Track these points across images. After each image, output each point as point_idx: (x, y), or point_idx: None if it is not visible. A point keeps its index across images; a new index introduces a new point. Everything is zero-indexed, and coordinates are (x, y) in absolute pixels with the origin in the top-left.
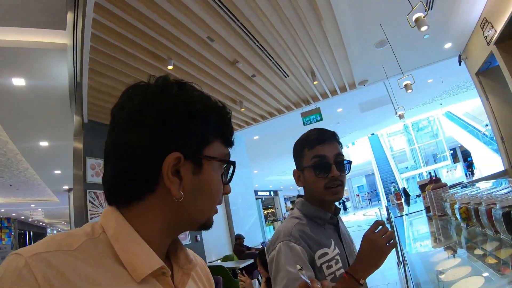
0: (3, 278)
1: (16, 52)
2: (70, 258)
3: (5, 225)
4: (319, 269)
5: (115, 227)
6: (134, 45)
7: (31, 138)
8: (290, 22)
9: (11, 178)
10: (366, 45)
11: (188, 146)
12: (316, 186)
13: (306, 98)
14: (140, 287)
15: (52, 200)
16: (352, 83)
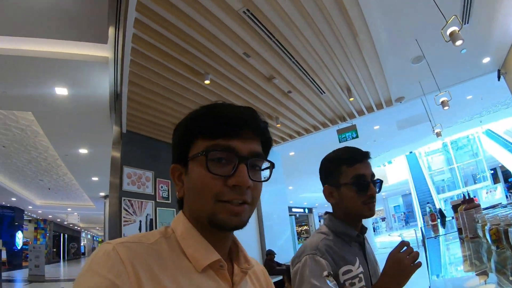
0: (96, 256)
1: (60, 63)
2: (147, 248)
3: (41, 226)
4: (342, 285)
5: (182, 228)
6: (172, 59)
7: (71, 145)
8: (325, 38)
9: (50, 182)
10: (402, 61)
11: (178, 155)
12: (354, 203)
13: (342, 115)
14: (200, 276)
15: (88, 206)
16: (389, 100)
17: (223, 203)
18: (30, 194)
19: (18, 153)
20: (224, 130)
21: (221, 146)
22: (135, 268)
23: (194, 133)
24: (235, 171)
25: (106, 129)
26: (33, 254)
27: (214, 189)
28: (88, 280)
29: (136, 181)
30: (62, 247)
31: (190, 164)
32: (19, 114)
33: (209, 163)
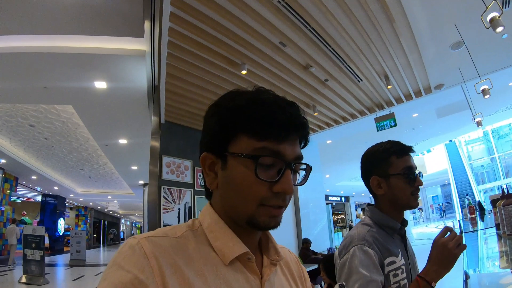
0: (121, 251)
1: (98, 58)
2: (173, 241)
3: (82, 213)
4: (386, 276)
5: (209, 221)
6: (209, 51)
7: (111, 135)
8: (361, 25)
9: (90, 171)
10: (441, 47)
11: (215, 145)
12: (404, 193)
13: (380, 102)
14: (228, 269)
15: (128, 193)
16: (428, 87)
17: (265, 207)
18: (71, 183)
19: (60, 145)
20: (274, 133)
21: (270, 150)
22: (159, 263)
23: (238, 127)
24: (281, 177)
25: (145, 119)
26: (74, 240)
27: (260, 194)
28: (113, 274)
29: (175, 170)
30: (102, 233)
31: (231, 160)
32: (60, 107)
33: (258, 168)
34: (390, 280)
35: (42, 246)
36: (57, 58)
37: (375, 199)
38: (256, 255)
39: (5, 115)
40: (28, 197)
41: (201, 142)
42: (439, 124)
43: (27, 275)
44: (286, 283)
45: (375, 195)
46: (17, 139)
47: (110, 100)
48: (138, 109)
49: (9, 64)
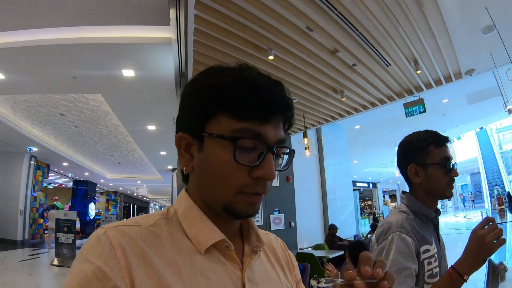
0: (88, 242)
1: (125, 47)
2: (144, 230)
3: (112, 197)
4: (421, 264)
5: (184, 207)
6: (235, 37)
7: (139, 122)
8: (388, 7)
9: (120, 157)
10: (472, 31)
11: (191, 125)
12: (440, 183)
13: (408, 88)
14: (204, 258)
15: (157, 178)
16: (458, 73)
17: (244, 194)
18: (101, 169)
19: (90, 132)
20: (256, 114)
21: (251, 132)
22: (125, 253)
23: (217, 106)
24: (262, 161)
25: (172, 106)
26: (104, 224)
27: (238, 180)
28: (78, 266)
29: None
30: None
31: (207, 141)
32: (89, 96)
33: (236, 150)
34: (424, 268)
35: (73, 230)
36: (85, 48)
37: (410, 187)
38: (237, 242)
39: (36, 105)
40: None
41: (176, 121)
42: (469, 111)
43: (59, 257)
44: (271, 270)
45: (411, 183)
46: (48, 127)
47: (138, 88)
48: (166, 96)
49: (39, 56)
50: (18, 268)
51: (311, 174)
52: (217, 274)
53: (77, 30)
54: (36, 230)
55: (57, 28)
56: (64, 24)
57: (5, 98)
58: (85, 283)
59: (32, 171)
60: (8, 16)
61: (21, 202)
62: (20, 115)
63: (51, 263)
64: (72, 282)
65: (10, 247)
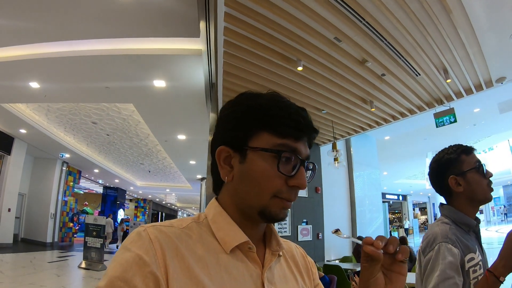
0: (129, 237)
1: (157, 58)
2: (178, 230)
3: (141, 205)
4: (467, 272)
5: (214, 213)
6: (264, 48)
7: (170, 131)
8: (417, 17)
9: (150, 165)
10: (502, 37)
11: (233, 140)
12: (481, 185)
13: (438, 97)
14: (228, 257)
15: (185, 187)
16: (489, 81)
17: (278, 199)
18: (131, 176)
19: (121, 140)
20: (294, 132)
21: (290, 147)
22: (162, 247)
23: (260, 124)
24: (297, 172)
25: (203, 116)
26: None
27: (276, 186)
28: (121, 255)
29: None
30: None
31: (250, 154)
32: (121, 105)
33: (280, 162)
34: (470, 276)
35: (102, 234)
36: (118, 59)
37: (449, 198)
38: (260, 247)
39: (69, 113)
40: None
41: (214, 136)
42: (501, 120)
43: (87, 261)
44: (289, 274)
45: (451, 194)
46: (80, 135)
47: (169, 98)
48: (196, 106)
49: (73, 67)
50: (46, 269)
51: (340, 185)
52: (239, 271)
53: (110, 42)
54: (66, 233)
55: (91, 40)
56: (98, 36)
57: (39, 106)
58: (127, 267)
59: (64, 176)
60: (45, 28)
61: (52, 205)
62: (53, 122)
63: (79, 266)
64: (114, 267)
65: (39, 248)
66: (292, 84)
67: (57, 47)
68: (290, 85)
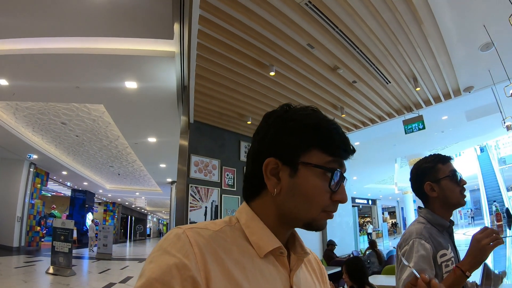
0: (167, 239)
1: (129, 59)
2: (213, 233)
3: (110, 208)
4: (439, 266)
5: (246, 217)
6: (237, 53)
7: (140, 134)
8: (388, 26)
9: (120, 168)
10: (470, 49)
11: (284, 153)
12: (454, 192)
13: (408, 105)
14: (262, 261)
15: (155, 190)
16: (457, 90)
17: (325, 213)
18: (101, 179)
19: (90, 142)
20: (342, 152)
21: (339, 164)
22: (202, 251)
23: (314, 142)
24: (340, 188)
25: (174, 119)
26: (101, 234)
27: (325, 201)
28: (159, 257)
29: (203, 169)
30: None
31: (302, 169)
32: (91, 106)
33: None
34: (443, 270)
35: (70, 239)
36: (89, 59)
37: (426, 203)
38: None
39: (38, 113)
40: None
41: (260, 147)
42: (468, 127)
43: (55, 266)
44: (310, 278)
45: (427, 199)
46: (49, 136)
47: (140, 100)
48: (167, 109)
49: (43, 65)
50: (13, 275)
51: None
52: (272, 275)
53: (82, 41)
54: (33, 237)
55: (63, 38)
56: (69, 34)
57: (7, 104)
58: (166, 270)
59: (31, 178)
60: (15, 24)
61: (19, 208)
62: (21, 121)
63: (46, 271)
64: (153, 270)
65: (5, 253)
66: (264, 89)
67: (27, 44)
68: (262, 89)
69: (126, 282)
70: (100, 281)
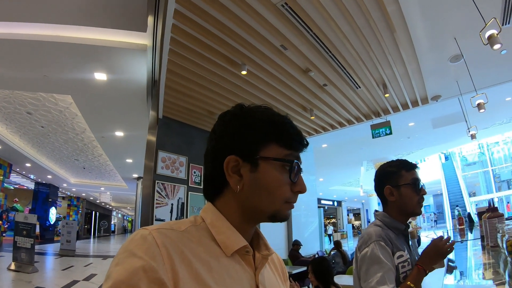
0: (133, 240)
1: (100, 50)
2: (179, 234)
3: (74, 203)
4: (396, 267)
5: (212, 217)
6: (210, 50)
7: (107, 127)
8: (362, 32)
9: (85, 162)
10: (440, 59)
11: (244, 149)
12: (412, 200)
13: (376, 110)
14: (228, 260)
15: (121, 186)
16: (425, 98)
17: (287, 204)
18: (65, 173)
19: (56, 134)
20: (298, 145)
21: (295, 157)
22: (169, 252)
23: (272, 137)
24: (298, 179)
25: (142, 113)
26: (65, 230)
27: (286, 193)
28: (126, 259)
29: (170, 165)
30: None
31: (262, 163)
32: (58, 97)
33: (290, 171)
34: (399, 270)
35: (33, 234)
36: (59, 47)
37: (385, 206)
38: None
39: (3, 101)
40: (21, 184)
41: (218, 146)
42: (434, 135)
43: (17, 262)
44: (274, 278)
45: (386, 202)
46: (13, 125)
47: (109, 92)
48: (136, 103)
49: (10, 51)
50: None
51: None
52: (238, 275)
53: (52, 28)
54: None
55: (32, 24)
56: (39, 21)
57: None
58: (133, 273)
59: None
60: None
61: None
62: None
63: (8, 268)
64: (120, 272)
65: None
66: (235, 87)
67: None
68: (233, 88)
69: (90, 279)
70: (63, 278)
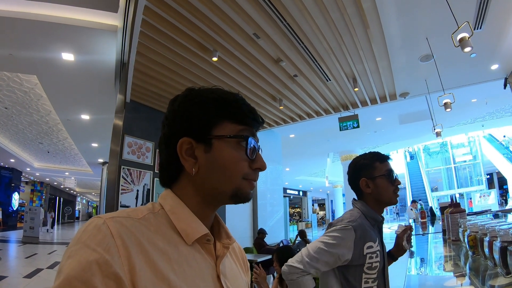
0: (86, 230)
1: (68, 29)
2: (136, 223)
3: (38, 188)
4: (364, 256)
5: (171, 203)
6: (182, 34)
7: (73, 110)
8: (335, 25)
9: (49, 145)
10: (411, 58)
11: (196, 130)
12: (387, 191)
13: (345, 103)
14: (188, 249)
15: (86, 171)
16: (393, 94)
17: (246, 181)
18: (29, 156)
19: (20, 115)
20: (252, 121)
21: (250, 133)
22: (125, 243)
23: (223, 114)
24: (257, 156)
25: (109, 97)
26: (28, 216)
27: (244, 169)
28: (78, 251)
29: (136, 151)
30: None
31: (216, 142)
32: (23, 77)
33: (246, 147)
34: (366, 260)
35: None
36: (26, 24)
37: (360, 197)
38: None
39: None
40: None
41: (170, 130)
42: (400, 130)
43: None
44: (235, 267)
45: (361, 195)
46: None
47: (76, 74)
48: (104, 86)
49: None
50: None
51: None
52: (199, 264)
53: (19, 4)
54: None
55: None
56: None
57: None
58: (86, 267)
59: None
60: None
61: None
62: None
63: None
64: (72, 266)
65: None
66: (205, 73)
67: None
68: (203, 74)
69: (54, 267)
70: (27, 266)
